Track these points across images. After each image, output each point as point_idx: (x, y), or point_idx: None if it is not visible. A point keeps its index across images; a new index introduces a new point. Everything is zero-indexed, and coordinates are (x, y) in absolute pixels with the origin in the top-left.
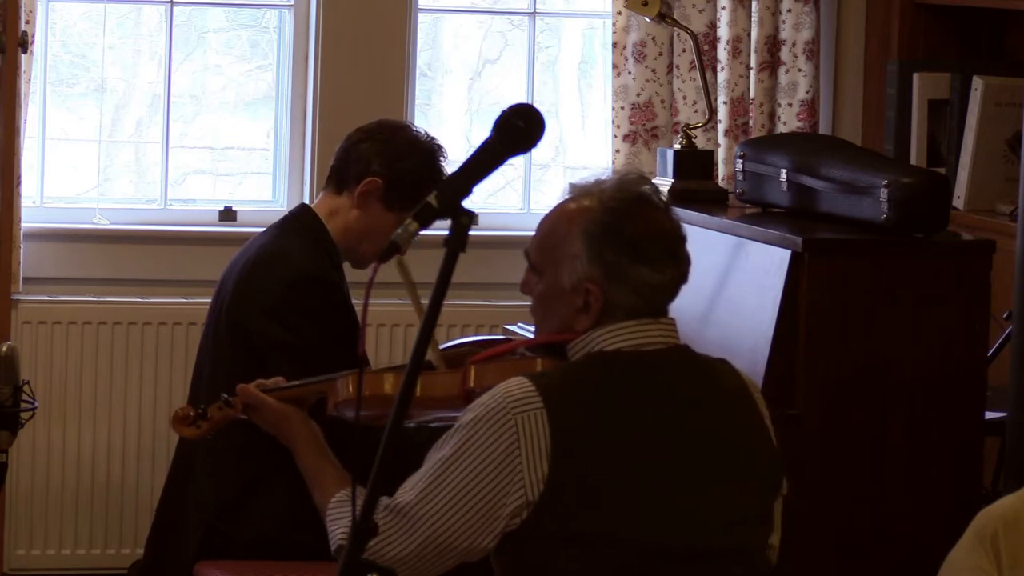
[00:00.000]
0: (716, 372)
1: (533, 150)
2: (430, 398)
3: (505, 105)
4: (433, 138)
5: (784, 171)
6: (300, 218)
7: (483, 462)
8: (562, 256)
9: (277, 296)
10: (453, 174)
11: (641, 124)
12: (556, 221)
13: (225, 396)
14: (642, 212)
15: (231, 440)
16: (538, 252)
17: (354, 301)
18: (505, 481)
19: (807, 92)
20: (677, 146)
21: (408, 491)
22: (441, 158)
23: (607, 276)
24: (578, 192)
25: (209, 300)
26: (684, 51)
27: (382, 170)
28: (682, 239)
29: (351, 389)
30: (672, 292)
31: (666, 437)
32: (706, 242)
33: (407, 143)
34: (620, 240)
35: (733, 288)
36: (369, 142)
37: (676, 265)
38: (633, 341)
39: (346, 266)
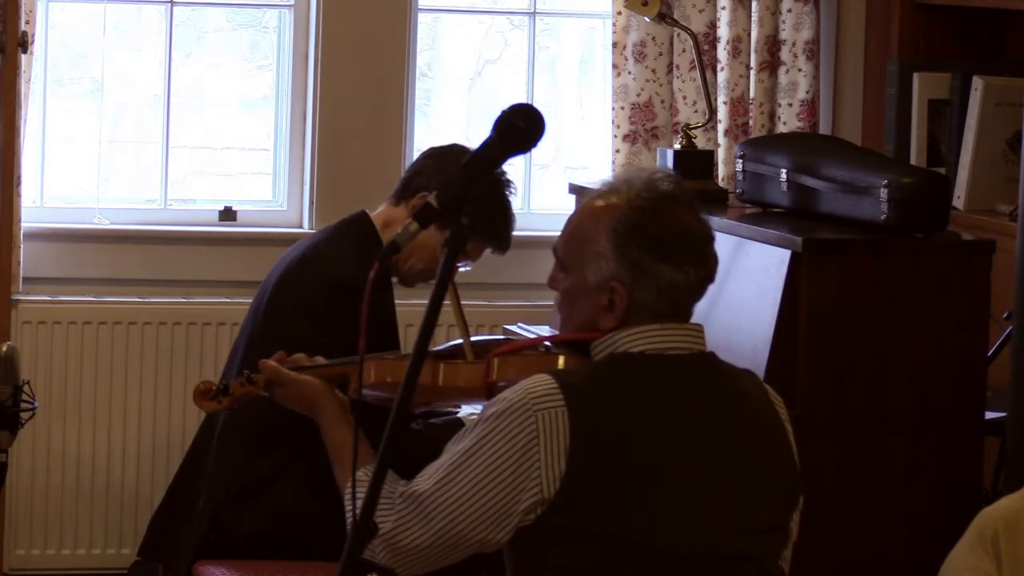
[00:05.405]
0: (740, 382)
1: (533, 150)
2: (452, 388)
3: (505, 105)
4: (503, 170)
5: (784, 171)
6: (354, 224)
7: (501, 456)
8: (588, 253)
9: (319, 299)
10: (453, 174)
11: (641, 124)
12: (583, 218)
13: (247, 372)
14: (669, 211)
15: (246, 436)
16: (565, 248)
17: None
18: (522, 476)
19: (807, 92)
20: (677, 146)
21: (425, 479)
22: (506, 190)
23: (632, 275)
24: (607, 190)
25: (209, 300)
26: (684, 51)
27: None
28: (709, 238)
29: (372, 374)
30: (698, 292)
31: (685, 443)
32: None
33: None
34: (646, 238)
35: (733, 288)
36: (435, 159)
37: (702, 264)
38: (658, 345)
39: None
